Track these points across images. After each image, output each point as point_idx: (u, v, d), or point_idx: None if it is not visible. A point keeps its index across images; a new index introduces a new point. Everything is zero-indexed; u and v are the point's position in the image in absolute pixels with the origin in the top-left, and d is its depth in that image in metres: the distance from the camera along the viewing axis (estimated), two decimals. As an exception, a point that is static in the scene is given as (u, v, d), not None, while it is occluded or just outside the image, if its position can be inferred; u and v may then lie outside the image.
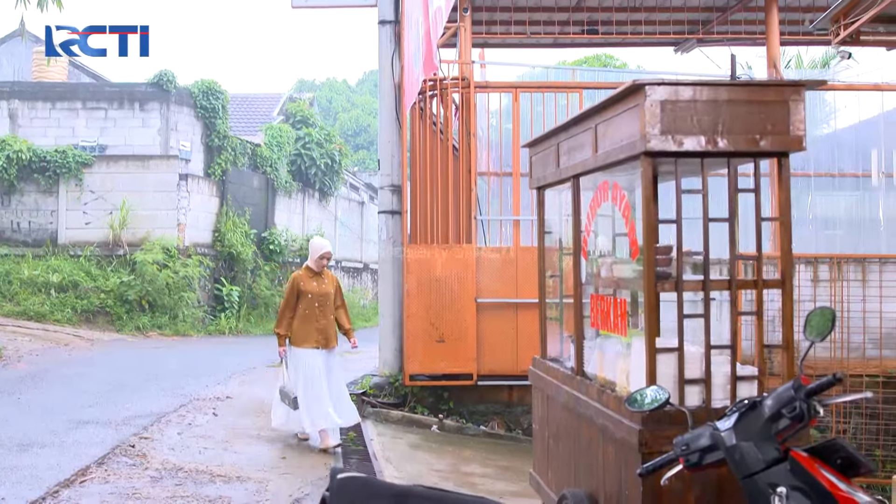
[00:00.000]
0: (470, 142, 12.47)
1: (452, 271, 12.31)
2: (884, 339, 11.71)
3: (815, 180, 13.95)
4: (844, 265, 12.09)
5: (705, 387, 4.52)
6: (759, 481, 3.37)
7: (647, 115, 4.28)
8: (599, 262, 5.55)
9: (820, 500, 3.27)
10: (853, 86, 13.79)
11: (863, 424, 11.78)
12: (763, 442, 3.42)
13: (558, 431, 6.00)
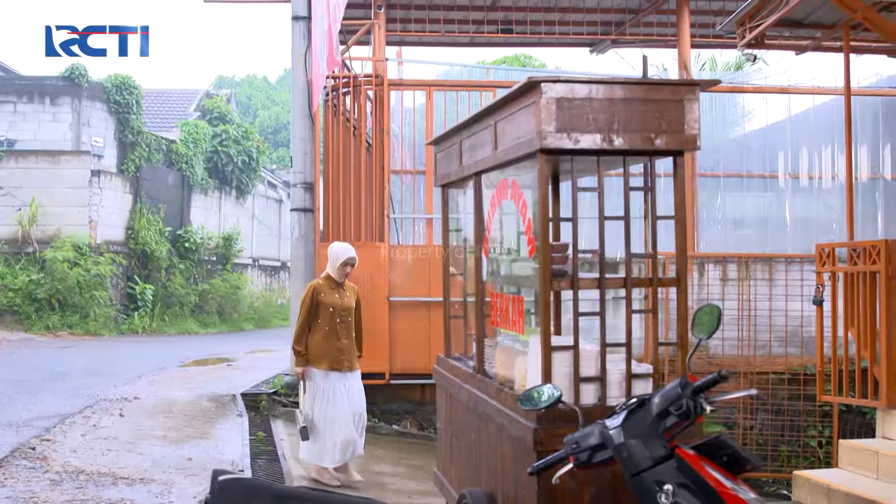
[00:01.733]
0: (383, 139, 12.40)
1: (365, 270, 12.20)
2: (789, 337, 11.93)
3: (725, 181, 14.17)
4: (752, 264, 12.30)
5: (601, 385, 4.52)
6: (646, 479, 3.37)
7: (543, 112, 4.26)
8: (499, 260, 5.54)
9: (705, 497, 3.29)
10: (762, 88, 14.05)
11: (769, 420, 11.98)
12: (651, 440, 3.42)
13: (460, 430, 5.98)
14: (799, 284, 11.75)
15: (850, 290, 8.16)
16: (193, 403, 13.00)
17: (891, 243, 7.80)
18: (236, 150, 31.67)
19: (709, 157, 14.24)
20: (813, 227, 13.71)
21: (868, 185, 14.22)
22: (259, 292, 34.32)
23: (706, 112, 15.00)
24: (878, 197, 14.23)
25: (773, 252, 12.86)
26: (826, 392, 8.65)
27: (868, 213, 14.04)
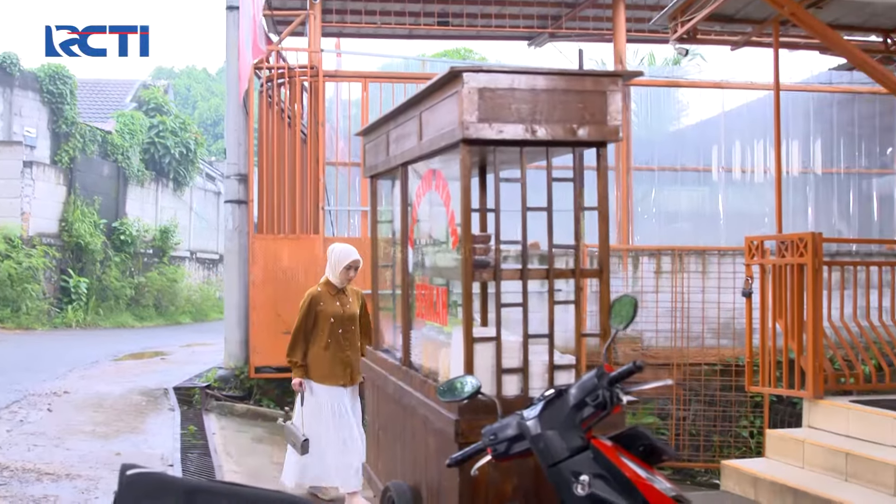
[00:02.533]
0: (318, 131, 12.30)
1: (299, 262, 12.13)
2: (721, 329, 12.06)
3: (660, 175, 14.28)
4: (686, 257, 12.40)
5: (523, 376, 4.50)
6: (563, 470, 3.36)
7: (465, 102, 4.23)
8: (424, 252, 5.51)
9: (621, 488, 3.29)
10: (696, 83, 14.19)
11: (701, 411, 12.10)
12: (568, 431, 3.41)
13: (387, 423, 5.94)
14: (731, 277, 11.88)
15: (779, 283, 8.25)
16: (124, 398, 12.81)
17: (817, 236, 7.89)
18: (174, 142, 31.28)
19: (644, 150, 14.35)
20: (746, 220, 13.87)
21: (799, 180, 14.43)
22: (197, 285, 33.96)
23: (643, 107, 15.12)
24: (808, 191, 14.45)
25: (707, 245, 12.98)
26: (755, 383, 8.74)
27: (799, 207, 14.26)
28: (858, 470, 7.02)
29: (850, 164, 14.54)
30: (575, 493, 3.30)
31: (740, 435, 11.95)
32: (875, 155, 14.71)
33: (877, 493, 6.70)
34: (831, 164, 14.47)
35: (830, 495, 6.74)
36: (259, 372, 12.26)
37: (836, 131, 14.49)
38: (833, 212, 14.50)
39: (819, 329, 7.93)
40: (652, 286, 12.40)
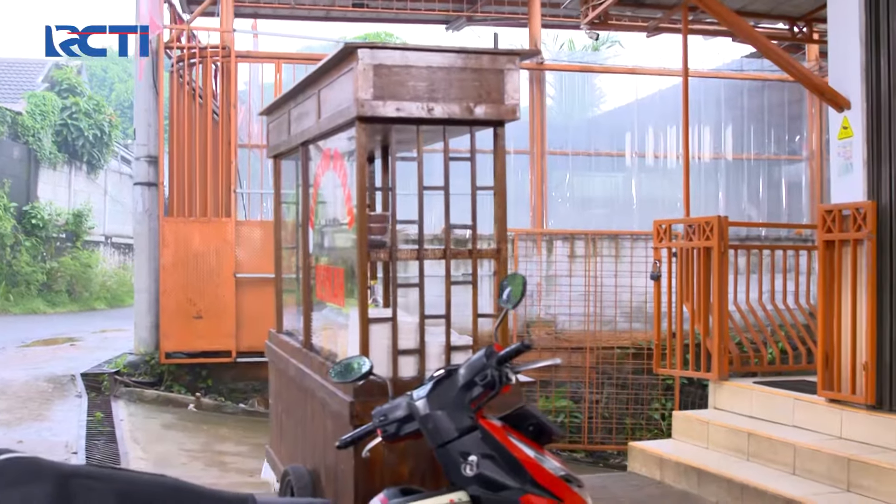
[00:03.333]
0: (230, 112, 12.12)
1: (211, 246, 11.97)
2: (634, 313, 12.19)
3: (574, 160, 14.36)
4: (599, 241, 12.50)
5: (420, 357, 4.47)
6: (451, 450, 3.32)
7: (360, 79, 4.16)
8: (324, 232, 5.45)
9: (509, 468, 3.27)
10: (610, 68, 14.29)
11: (614, 394, 12.22)
12: (456, 411, 3.38)
13: (289, 406, 5.87)
14: (644, 261, 11.99)
15: (686, 266, 8.33)
16: (30, 384, 12.49)
17: (723, 220, 7.99)
18: (87, 124, 30.53)
19: (563, 136, 14.43)
20: (659, 205, 14.02)
21: (711, 165, 14.63)
22: (112, 271, 33.25)
23: (562, 92, 15.19)
24: (719, 177, 14.66)
25: (620, 229, 13.10)
26: (662, 365, 8.83)
27: (711, 193, 14.46)
28: (759, 449, 7.13)
29: (760, 151, 14.79)
30: (463, 474, 3.27)
31: (652, 417, 12.10)
32: (784, 142, 14.98)
33: (776, 472, 6.82)
34: (742, 150, 14.69)
35: (732, 474, 6.85)
36: (170, 357, 12.08)
37: (746, 118, 14.71)
38: (743, 197, 14.74)
39: (724, 312, 8.04)
40: (566, 270, 12.48)
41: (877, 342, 6.42)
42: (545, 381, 12.29)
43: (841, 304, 6.72)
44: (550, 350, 12.35)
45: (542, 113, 13.51)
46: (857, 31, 6.59)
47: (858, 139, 6.64)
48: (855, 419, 6.66)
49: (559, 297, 12.46)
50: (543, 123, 13.46)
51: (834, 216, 6.74)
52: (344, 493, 4.41)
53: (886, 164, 6.42)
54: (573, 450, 12.03)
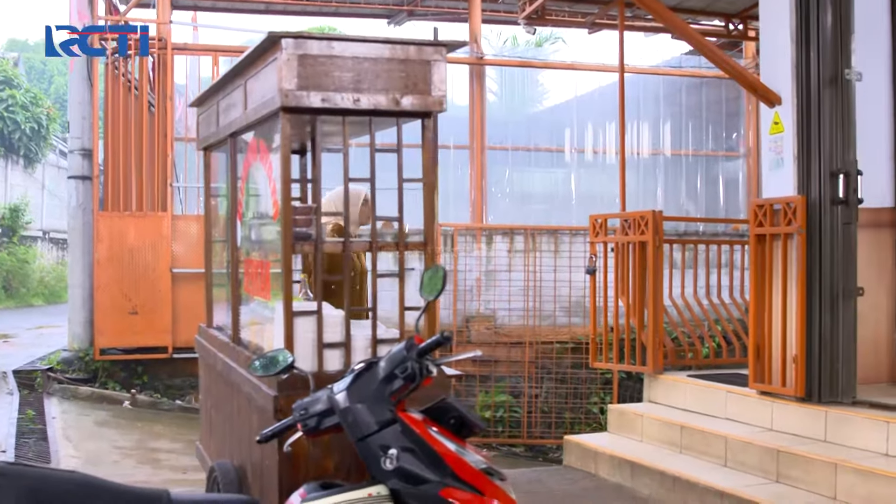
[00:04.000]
0: (167, 105, 11.96)
1: (146, 240, 11.81)
2: (573, 307, 12.24)
3: (514, 155, 14.38)
4: (538, 236, 12.53)
5: (345, 350, 4.42)
6: (371, 444, 3.28)
7: (285, 69, 4.11)
8: (251, 225, 5.38)
9: (429, 461, 3.24)
10: (549, 64, 14.35)
11: (553, 389, 12.27)
12: (377, 404, 3.33)
13: (217, 402, 5.80)
14: (583, 256, 12.04)
15: (622, 260, 8.37)
16: (-41, 381, 12.25)
17: (657, 214, 8.03)
18: (24, 117, 29.97)
19: (505, 131, 14.45)
20: (598, 200, 14.10)
21: (649, 161, 14.74)
22: (50, 266, 32.71)
23: (505, 88, 15.20)
24: (658, 172, 14.78)
25: (558, 224, 13.14)
26: (599, 359, 8.86)
27: (649, 188, 14.57)
28: (692, 442, 7.19)
29: (698, 147, 14.94)
30: (383, 467, 3.23)
31: (591, 411, 12.16)
32: (722, 139, 15.14)
33: (708, 464, 6.88)
34: (680, 146, 14.83)
35: (664, 467, 6.89)
36: (105, 354, 11.92)
37: (685, 115, 14.86)
38: (682, 193, 14.88)
39: (659, 306, 8.08)
40: (505, 265, 12.50)
41: (806, 335, 6.50)
42: (485, 375, 12.32)
43: (772, 298, 6.79)
44: (490, 345, 12.38)
45: (482, 108, 13.53)
46: (788, 28, 6.65)
47: (789, 134, 6.71)
48: (785, 411, 6.74)
49: (499, 292, 12.48)
50: (483, 118, 13.47)
51: (765, 210, 6.81)
52: (269, 488, 4.35)
53: (816, 159, 6.49)
54: (513, 444, 12.07)
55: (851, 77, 6.47)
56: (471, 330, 12.49)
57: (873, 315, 6.94)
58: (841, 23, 6.45)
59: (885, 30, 7.06)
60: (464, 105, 13.68)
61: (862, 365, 6.69)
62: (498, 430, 12.13)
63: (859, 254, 6.60)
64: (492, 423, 12.09)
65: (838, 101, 6.46)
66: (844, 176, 6.40)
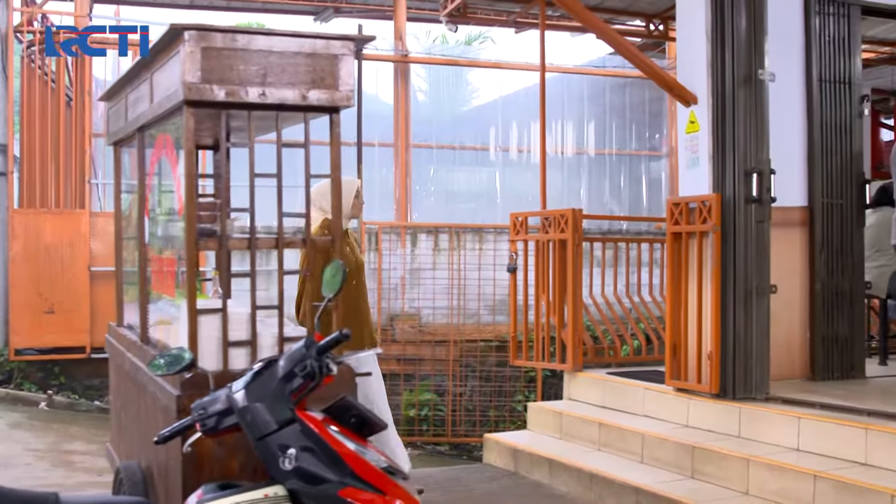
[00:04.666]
0: (84, 100, 11.72)
1: (64, 238, 11.57)
2: (497, 306, 12.25)
3: (439, 153, 14.36)
4: (463, 234, 12.53)
5: (251, 349, 4.35)
6: (270, 443, 3.24)
7: (187, 62, 4.02)
8: (158, 221, 5.28)
9: (329, 461, 3.20)
10: (475, 62, 14.36)
11: (478, 387, 12.28)
12: (276, 403, 3.28)
13: (126, 402, 5.68)
14: (507, 254, 12.07)
15: (542, 258, 8.39)
16: None
17: (577, 212, 8.07)
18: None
19: (431, 129, 14.42)
20: (523, 199, 14.15)
21: (573, 160, 14.83)
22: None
23: (432, 86, 15.17)
24: (582, 171, 14.88)
25: (483, 223, 13.16)
26: (520, 357, 8.88)
27: (573, 187, 14.66)
28: (610, 439, 7.23)
29: (622, 147, 15.07)
30: (281, 468, 3.19)
31: (515, 409, 12.20)
32: (645, 138, 15.29)
33: (625, 460, 6.92)
34: (604, 146, 14.94)
35: (582, 464, 6.92)
36: (20, 354, 11.64)
37: (609, 114, 14.97)
38: (605, 191, 14.99)
39: (579, 303, 8.12)
40: (430, 263, 12.49)
41: (720, 332, 6.57)
42: (409, 374, 12.29)
43: (687, 296, 6.86)
44: (414, 344, 12.36)
45: (407, 105, 13.50)
46: (704, 29, 6.72)
47: (704, 133, 6.78)
48: (700, 407, 6.81)
49: (423, 290, 12.46)
50: (408, 116, 13.44)
51: (681, 209, 6.87)
52: (173, 489, 4.27)
53: (730, 158, 6.57)
54: (437, 443, 12.06)
55: (765, 77, 6.56)
56: (395, 328, 12.44)
57: (787, 313, 7.04)
58: (755, 24, 6.54)
59: (798, 32, 7.15)
60: (390, 103, 13.65)
61: (776, 362, 6.80)
62: (423, 429, 12.12)
63: (773, 252, 6.69)
64: (416, 422, 12.07)
65: (752, 101, 6.55)
66: (758, 175, 6.49)
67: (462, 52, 16.92)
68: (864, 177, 7.38)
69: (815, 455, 5.88)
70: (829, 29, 7.21)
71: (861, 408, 5.98)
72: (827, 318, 7.13)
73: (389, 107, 13.58)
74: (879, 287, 7.95)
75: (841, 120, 7.21)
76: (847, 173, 7.23)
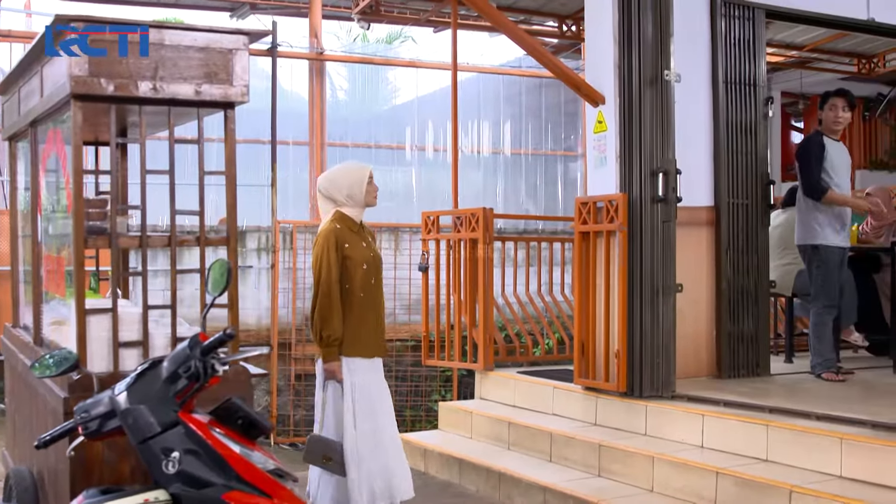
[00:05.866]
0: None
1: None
2: (413, 305, 12.19)
3: (354, 151, 14.26)
4: (379, 234, 12.45)
5: (143, 349, 4.25)
6: (153, 446, 3.15)
7: (75, 54, 3.92)
8: (50, 219, 5.14)
9: (214, 464, 3.13)
10: (390, 61, 14.31)
11: (394, 387, 12.19)
12: (160, 405, 3.20)
13: (19, 405, 5.53)
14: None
15: (454, 258, 8.37)
16: None
17: (488, 211, 8.07)
18: None
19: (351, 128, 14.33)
20: (438, 198, 14.12)
21: (490, 160, 14.87)
22: None
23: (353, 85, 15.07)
24: (498, 171, 14.92)
25: (398, 222, 13.11)
26: (432, 356, 8.84)
27: (489, 187, 14.69)
28: (519, 438, 7.24)
29: (537, 147, 15.13)
30: (165, 471, 3.11)
31: (432, 409, 12.16)
32: (561, 139, 15.38)
33: (534, 459, 6.94)
34: (520, 146, 14.99)
35: (491, 463, 6.92)
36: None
37: (525, 115, 15.03)
38: (521, 191, 15.05)
39: (490, 302, 8.11)
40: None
41: (627, 331, 6.60)
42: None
43: (595, 295, 6.89)
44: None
45: (323, 104, 13.37)
46: (611, 30, 6.75)
47: (612, 133, 6.82)
48: (608, 406, 6.85)
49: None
50: (323, 114, 13.32)
51: (589, 208, 6.91)
52: (62, 494, 4.15)
53: (637, 158, 6.60)
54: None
55: (671, 78, 6.60)
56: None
57: (693, 311, 7.11)
58: (661, 26, 6.58)
59: (704, 35, 7.22)
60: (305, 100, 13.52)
61: (683, 360, 6.87)
62: (337, 430, 12.01)
63: (680, 251, 6.75)
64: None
65: (658, 101, 6.59)
66: (664, 175, 6.52)
67: (382, 52, 16.85)
68: (770, 177, 7.48)
69: (718, 452, 5.95)
70: (735, 32, 7.30)
71: (763, 405, 6.06)
72: (732, 317, 7.21)
73: (306, 105, 13.45)
74: (785, 286, 8.08)
75: (746, 121, 7.30)
76: (752, 174, 7.32)
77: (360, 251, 5.40)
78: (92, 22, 3.94)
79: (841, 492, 4.98)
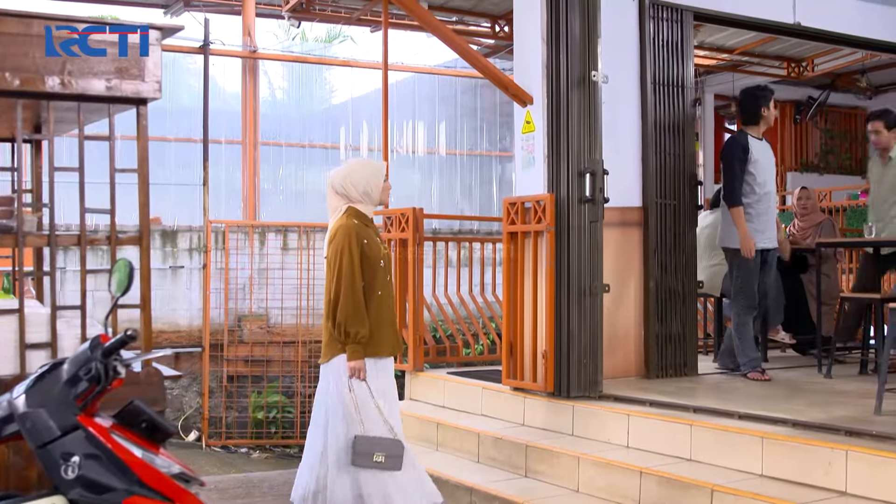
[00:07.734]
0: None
1: None
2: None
3: (287, 151, 14.15)
4: (312, 234, 12.37)
5: (52, 351, 4.14)
6: (52, 451, 3.06)
7: (-22, 47, 3.80)
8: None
9: (115, 468, 3.05)
10: (324, 60, 14.23)
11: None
12: (60, 408, 3.10)
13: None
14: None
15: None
16: None
17: (418, 211, 8.05)
18: None
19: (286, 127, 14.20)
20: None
21: (425, 160, 14.84)
22: None
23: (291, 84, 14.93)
24: (433, 171, 14.90)
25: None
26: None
27: (425, 187, 14.67)
28: (447, 438, 7.22)
29: (473, 147, 15.14)
30: (64, 476, 3.01)
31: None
32: (496, 140, 15.41)
33: (462, 460, 6.92)
34: (455, 146, 14.99)
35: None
36: None
37: (460, 115, 15.03)
38: (456, 191, 15.04)
39: (420, 302, 8.08)
40: (278, 263, 12.30)
41: (555, 331, 6.61)
42: (257, 376, 12.08)
43: (523, 295, 6.89)
44: (263, 345, 12.15)
45: (256, 103, 13.25)
46: (539, 30, 6.75)
47: (540, 134, 6.82)
48: (536, 406, 6.85)
49: (272, 290, 12.26)
50: (256, 113, 13.20)
51: (517, 208, 6.91)
52: (-35, 501, 4.02)
53: (564, 159, 6.60)
54: (287, 445, 11.88)
55: (598, 79, 6.61)
56: (243, 329, 12.21)
57: (622, 312, 7.14)
58: (589, 27, 6.58)
59: (633, 36, 7.26)
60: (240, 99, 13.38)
61: (611, 360, 6.91)
62: (271, 432, 11.93)
63: (608, 252, 6.78)
64: (265, 425, 11.87)
65: (586, 102, 6.59)
66: (591, 175, 6.52)
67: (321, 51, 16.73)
68: (697, 178, 7.54)
69: (643, 451, 5.97)
70: (663, 34, 7.35)
71: (688, 404, 6.10)
72: (660, 317, 7.26)
73: (240, 104, 13.31)
74: (713, 286, 8.16)
75: (674, 122, 7.35)
76: (680, 174, 7.38)
77: (376, 248, 5.27)
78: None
79: (761, 490, 5.01)
